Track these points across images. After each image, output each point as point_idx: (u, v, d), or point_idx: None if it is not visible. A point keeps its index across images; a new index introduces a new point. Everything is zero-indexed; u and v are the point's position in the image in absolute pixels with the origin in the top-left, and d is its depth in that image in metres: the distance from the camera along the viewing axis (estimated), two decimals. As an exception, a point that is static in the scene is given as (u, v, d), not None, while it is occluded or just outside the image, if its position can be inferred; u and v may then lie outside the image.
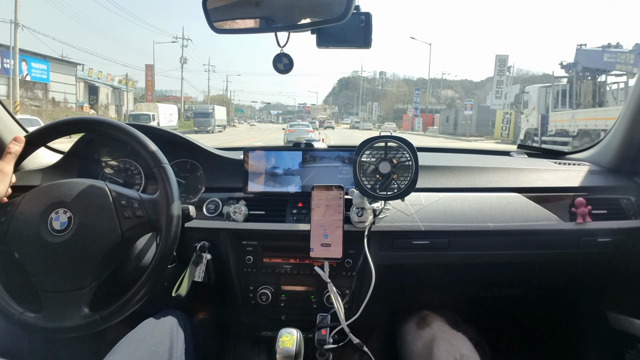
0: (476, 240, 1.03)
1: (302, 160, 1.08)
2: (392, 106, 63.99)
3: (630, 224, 1.05)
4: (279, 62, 0.77)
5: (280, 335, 0.87)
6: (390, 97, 68.90)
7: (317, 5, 0.79)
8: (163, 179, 0.82)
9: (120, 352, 0.77)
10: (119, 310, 0.78)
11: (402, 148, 0.92)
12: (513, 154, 1.40)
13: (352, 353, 1.08)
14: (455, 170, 1.14)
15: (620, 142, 1.14)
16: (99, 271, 0.79)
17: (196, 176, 1.17)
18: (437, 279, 1.21)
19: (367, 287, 0.94)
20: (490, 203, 1.05)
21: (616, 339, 1.18)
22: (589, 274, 1.18)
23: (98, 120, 0.86)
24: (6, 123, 1.10)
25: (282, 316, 1.08)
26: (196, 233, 1.04)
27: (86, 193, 0.81)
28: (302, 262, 1.05)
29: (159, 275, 0.80)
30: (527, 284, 1.27)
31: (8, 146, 0.80)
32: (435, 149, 1.52)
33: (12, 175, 0.81)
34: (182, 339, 0.88)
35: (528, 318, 1.46)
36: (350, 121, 49.83)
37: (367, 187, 0.93)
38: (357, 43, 0.80)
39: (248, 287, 1.06)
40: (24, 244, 0.79)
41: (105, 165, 1.18)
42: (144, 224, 0.82)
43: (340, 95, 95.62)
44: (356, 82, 74.57)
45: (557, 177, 1.14)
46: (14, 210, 0.79)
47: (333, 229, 0.95)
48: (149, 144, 0.84)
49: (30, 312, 0.78)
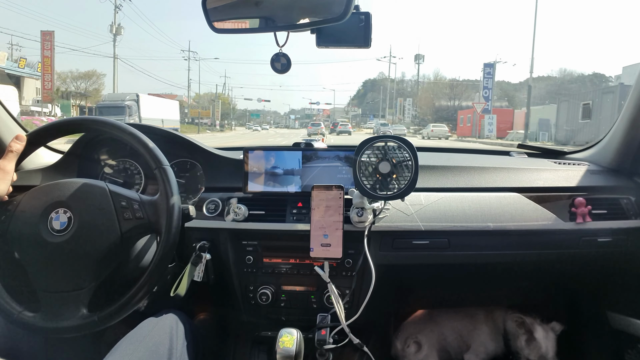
0: (476, 240, 1.03)
1: (302, 160, 1.08)
2: (431, 103, 44.26)
3: (630, 224, 1.05)
4: (277, 61, 0.77)
5: (280, 335, 0.87)
6: (429, 92, 47.03)
7: (316, 5, 0.79)
8: (163, 181, 0.82)
9: (120, 352, 0.77)
10: (118, 311, 0.78)
11: (402, 148, 0.92)
12: (513, 153, 1.40)
13: (352, 353, 1.07)
14: (455, 170, 1.14)
15: (620, 142, 1.14)
16: (98, 272, 0.79)
17: (196, 176, 1.17)
18: (437, 279, 1.21)
19: (367, 287, 0.94)
20: (490, 203, 1.05)
21: (616, 339, 1.18)
22: (589, 274, 1.18)
23: (99, 121, 0.86)
24: (6, 123, 1.11)
25: (282, 316, 1.08)
26: (196, 233, 1.04)
27: (87, 193, 0.81)
28: (302, 262, 1.05)
29: (158, 277, 0.80)
30: (527, 284, 1.27)
31: (9, 144, 0.81)
32: (435, 148, 1.52)
33: (14, 174, 0.81)
34: (182, 339, 0.88)
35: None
36: (375, 124, 37.06)
37: (367, 187, 0.93)
38: (357, 43, 0.80)
39: (248, 287, 1.06)
40: (23, 243, 0.79)
41: (105, 165, 1.18)
42: (144, 226, 0.82)
43: (366, 97, 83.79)
44: (383, 83, 59.49)
45: (557, 176, 1.14)
46: (15, 209, 0.80)
47: (333, 229, 0.95)
48: (150, 144, 0.84)
49: (29, 311, 0.78)
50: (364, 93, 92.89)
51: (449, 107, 41.78)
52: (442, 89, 45.45)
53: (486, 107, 22.13)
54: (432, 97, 45.40)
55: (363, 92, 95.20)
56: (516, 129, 21.44)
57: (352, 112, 63.93)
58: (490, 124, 21.05)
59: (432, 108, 43.89)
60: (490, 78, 24.58)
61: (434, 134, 23.90)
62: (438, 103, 44.16)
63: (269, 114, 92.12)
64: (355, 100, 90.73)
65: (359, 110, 70.14)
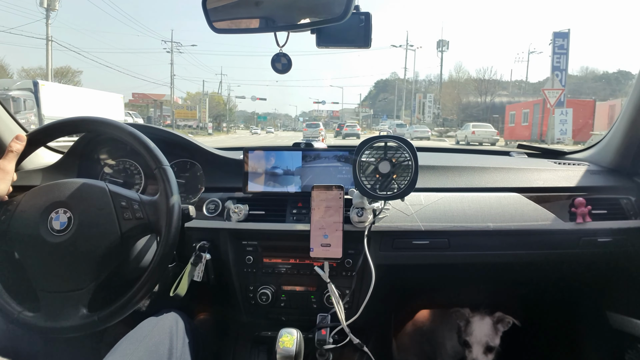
0: (476, 240, 1.03)
1: (302, 160, 1.08)
2: (457, 99, 36.04)
3: (630, 224, 1.05)
4: (277, 61, 0.77)
5: (280, 336, 0.87)
6: (452, 88, 38.65)
7: (316, 5, 0.79)
8: (164, 181, 0.82)
9: (120, 352, 0.77)
10: (117, 311, 0.78)
11: (402, 148, 0.92)
12: (513, 153, 1.40)
13: (352, 353, 1.07)
14: (455, 170, 1.14)
15: (620, 142, 1.14)
16: (97, 272, 0.79)
17: (196, 176, 1.17)
18: (437, 279, 1.21)
19: (367, 287, 0.94)
20: (490, 203, 1.05)
21: (616, 339, 1.18)
22: (589, 274, 1.18)
23: (99, 121, 0.86)
24: (6, 123, 1.11)
25: (282, 316, 1.08)
26: (196, 233, 1.04)
27: (87, 193, 0.81)
28: (302, 262, 1.05)
29: (158, 277, 0.80)
30: (527, 284, 1.28)
31: (10, 144, 0.81)
32: (435, 148, 1.52)
33: (14, 174, 0.81)
34: (182, 339, 0.88)
35: (528, 318, 1.46)
36: (389, 126, 31.14)
37: (367, 187, 0.93)
38: (357, 43, 0.80)
39: (248, 287, 1.06)
40: (23, 243, 0.79)
41: (105, 164, 1.19)
42: (144, 226, 0.82)
43: (378, 98, 76.76)
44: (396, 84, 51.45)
45: (556, 177, 1.14)
46: (15, 209, 0.80)
47: (333, 229, 0.95)
48: (150, 144, 0.84)
49: (29, 311, 0.78)
50: (375, 94, 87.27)
51: (479, 103, 34.52)
52: (468, 84, 37.86)
53: (561, 99, 12.97)
54: (457, 92, 36.96)
55: (375, 92, 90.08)
56: (599, 129, 14.63)
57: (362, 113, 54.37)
58: (563, 122, 12.96)
59: (458, 105, 35.91)
60: (564, 54, 16.86)
61: (475, 138, 17.86)
62: (466, 99, 36.06)
63: (279, 116, 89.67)
64: (367, 101, 79.83)
65: (371, 111, 59.38)
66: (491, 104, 33.19)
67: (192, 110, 34.24)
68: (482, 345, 1.23)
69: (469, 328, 1.25)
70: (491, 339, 1.23)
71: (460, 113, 34.98)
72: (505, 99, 28.45)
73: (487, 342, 1.23)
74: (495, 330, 1.25)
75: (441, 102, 37.79)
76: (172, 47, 32.26)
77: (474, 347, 1.23)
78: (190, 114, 33.56)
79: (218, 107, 43.61)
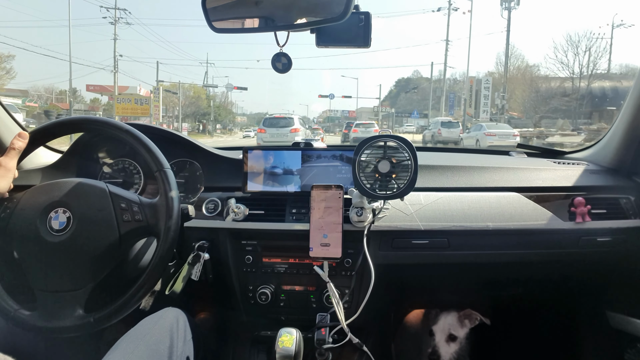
0: (475, 240, 1.03)
1: (302, 160, 1.08)
2: (534, 86, 24.22)
3: (630, 224, 1.05)
4: (277, 61, 0.77)
5: (280, 335, 0.87)
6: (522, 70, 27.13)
7: (316, 4, 0.79)
8: (164, 183, 0.82)
9: (119, 351, 0.77)
10: (114, 313, 0.78)
11: (402, 147, 0.92)
12: (512, 153, 1.40)
13: (352, 353, 1.08)
14: (454, 170, 1.14)
15: (620, 141, 1.14)
16: (95, 273, 0.79)
17: (195, 175, 1.17)
18: (436, 278, 1.21)
19: (367, 286, 0.94)
20: (489, 203, 1.05)
21: (616, 339, 1.18)
22: (588, 274, 1.18)
23: (100, 120, 0.86)
24: (6, 123, 1.11)
25: (281, 316, 1.08)
26: (195, 232, 1.04)
27: (87, 194, 0.81)
28: (301, 262, 1.05)
29: (156, 279, 0.80)
30: (527, 283, 1.27)
31: (12, 142, 0.81)
32: (434, 148, 1.52)
33: (15, 171, 0.81)
34: (181, 338, 0.88)
35: (527, 318, 1.46)
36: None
37: (367, 187, 0.93)
38: (356, 42, 0.80)
39: (247, 286, 1.06)
40: (22, 241, 0.79)
41: (104, 164, 1.19)
42: (143, 228, 0.81)
43: (399, 97, 66.36)
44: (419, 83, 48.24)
45: (556, 176, 1.14)
46: (14, 207, 0.80)
47: (332, 228, 0.95)
48: (151, 145, 0.84)
49: (26, 309, 0.78)
50: (396, 93, 73.59)
51: (572, 89, 21.78)
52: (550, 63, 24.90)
53: None
54: (530, 77, 24.70)
55: (396, 92, 75.18)
56: None
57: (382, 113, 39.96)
58: None
59: (534, 94, 23.33)
60: None
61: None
62: (546, 84, 23.33)
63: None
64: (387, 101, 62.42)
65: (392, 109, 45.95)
66: (588, 91, 21.18)
67: (143, 105, 23.67)
68: (445, 334, 1.29)
69: (437, 319, 1.32)
70: (455, 329, 1.29)
71: (540, 106, 22.56)
72: (608, 84, 18.65)
73: (449, 330, 1.29)
74: (460, 324, 1.31)
75: (508, 89, 22.60)
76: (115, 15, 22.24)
77: (437, 335, 1.29)
78: (141, 110, 23.40)
79: (199, 102, 32.87)
